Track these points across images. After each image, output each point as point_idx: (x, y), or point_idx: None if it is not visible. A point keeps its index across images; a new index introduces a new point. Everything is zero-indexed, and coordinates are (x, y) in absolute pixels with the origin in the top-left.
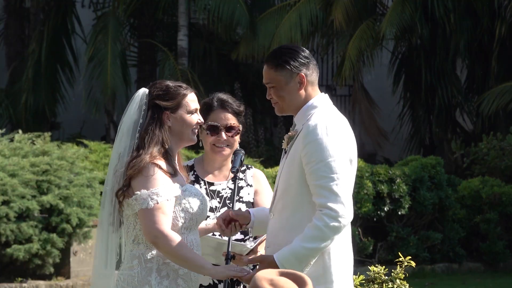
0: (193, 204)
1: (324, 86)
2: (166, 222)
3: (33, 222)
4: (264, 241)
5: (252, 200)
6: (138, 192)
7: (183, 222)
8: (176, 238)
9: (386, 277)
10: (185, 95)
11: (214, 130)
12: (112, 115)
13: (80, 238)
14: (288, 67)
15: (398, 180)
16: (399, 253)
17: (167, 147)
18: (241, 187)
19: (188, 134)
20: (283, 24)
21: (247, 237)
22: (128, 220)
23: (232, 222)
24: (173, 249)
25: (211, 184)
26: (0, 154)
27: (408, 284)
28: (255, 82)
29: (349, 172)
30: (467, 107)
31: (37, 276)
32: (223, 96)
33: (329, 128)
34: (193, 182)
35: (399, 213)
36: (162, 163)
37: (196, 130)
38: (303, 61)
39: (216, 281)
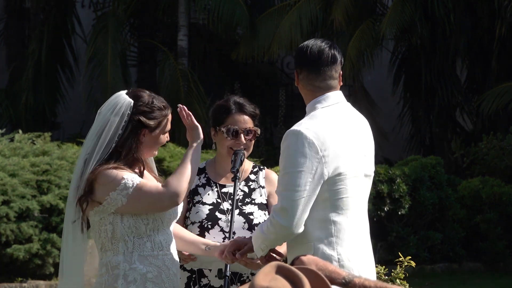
0: None
1: None
2: (158, 184)
3: (33, 222)
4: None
5: (265, 202)
6: (108, 196)
7: (146, 224)
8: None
9: (386, 277)
10: (166, 116)
11: (233, 133)
12: None
13: None
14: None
15: (398, 180)
16: (399, 253)
17: (133, 157)
18: (253, 189)
19: (153, 151)
20: (283, 24)
21: None
22: (94, 229)
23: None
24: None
25: (223, 186)
26: (0, 154)
27: (408, 284)
28: (255, 82)
29: None
30: (467, 107)
31: (37, 276)
32: (239, 99)
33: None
34: (204, 185)
35: (399, 213)
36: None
37: None
38: (300, 60)
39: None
